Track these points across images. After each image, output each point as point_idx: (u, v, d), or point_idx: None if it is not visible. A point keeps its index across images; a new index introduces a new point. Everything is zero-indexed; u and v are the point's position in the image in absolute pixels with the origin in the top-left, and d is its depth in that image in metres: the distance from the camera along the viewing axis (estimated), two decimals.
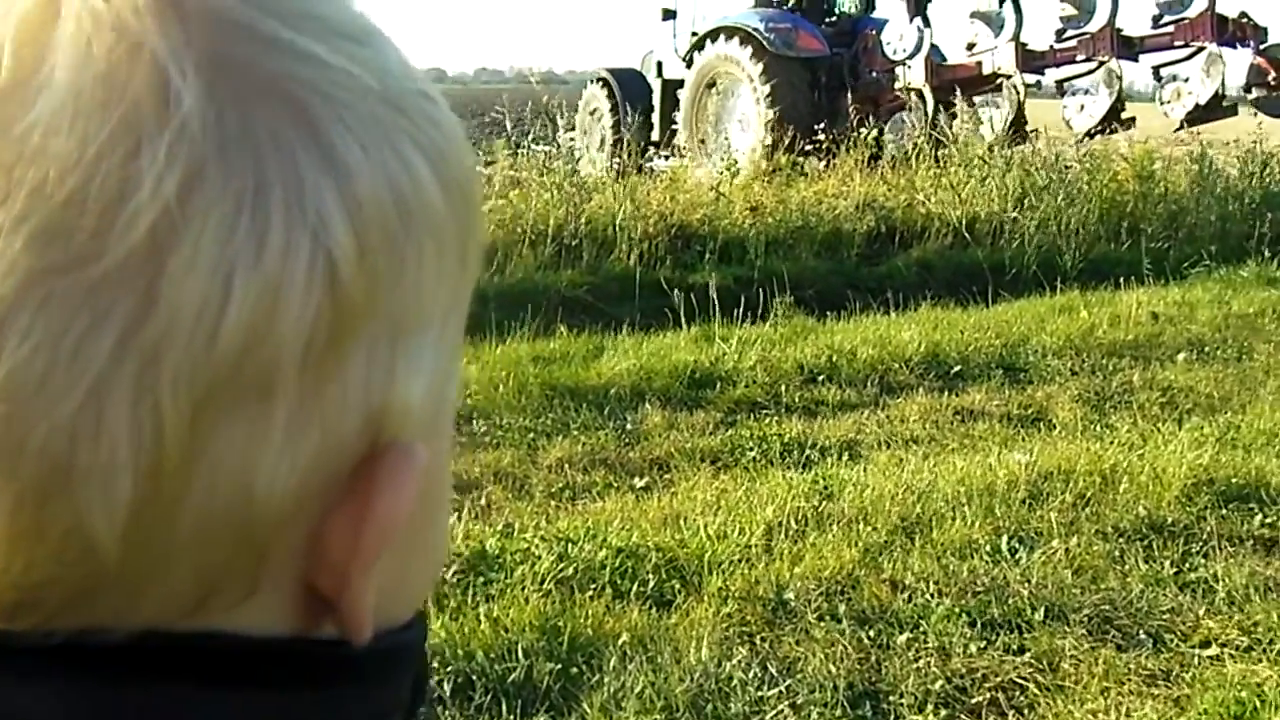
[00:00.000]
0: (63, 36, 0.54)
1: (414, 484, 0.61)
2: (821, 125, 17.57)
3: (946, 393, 8.83)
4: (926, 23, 19.03)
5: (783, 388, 8.82)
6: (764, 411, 8.40)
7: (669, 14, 22.83)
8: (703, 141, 20.38)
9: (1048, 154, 16.38)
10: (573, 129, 19.59)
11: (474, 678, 4.51)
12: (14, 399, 0.52)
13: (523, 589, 5.17)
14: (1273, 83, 17.12)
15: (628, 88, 22.48)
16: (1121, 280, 12.39)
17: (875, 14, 21.60)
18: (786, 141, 17.24)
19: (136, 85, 0.53)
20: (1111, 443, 7.30)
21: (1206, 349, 10.04)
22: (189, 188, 0.53)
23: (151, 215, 0.52)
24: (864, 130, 16.87)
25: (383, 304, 0.59)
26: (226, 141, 0.54)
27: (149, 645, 0.57)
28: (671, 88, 21.82)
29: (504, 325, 9.96)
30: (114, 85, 0.53)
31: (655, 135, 20.82)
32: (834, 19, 21.34)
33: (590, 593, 5.19)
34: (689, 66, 21.17)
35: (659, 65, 22.67)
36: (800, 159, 16.79)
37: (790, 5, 20.94)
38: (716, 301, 10.55)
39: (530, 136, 17.45)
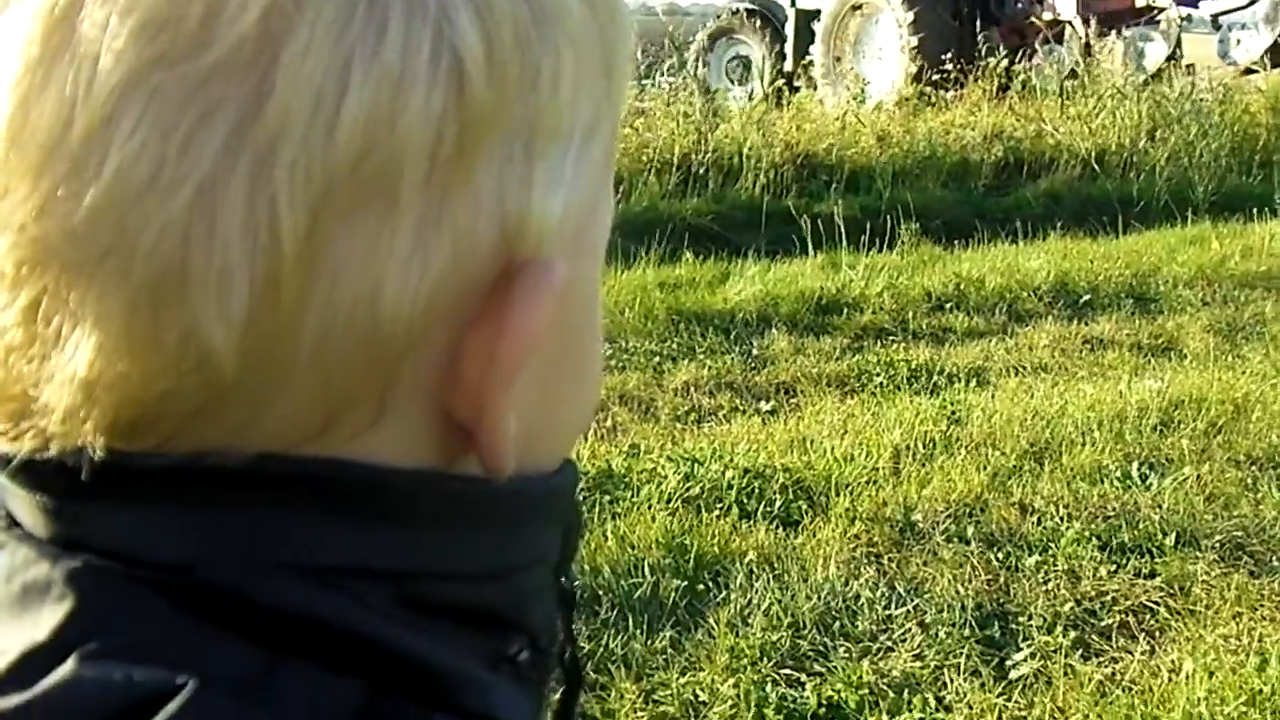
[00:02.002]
0: None
1: (551, 298, 0.59)
2: (953, 55, 17.23)
3: (1075, 321, 8.74)
4: None
5: (910, 314, 8.77)
6: (890, 338, 8.36)
7: None
8: (839, 74, 20.02)
9: (1181, 85, 16.11)
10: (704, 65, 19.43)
11: (600, 593, 4.54)
12: (124, 197, 0.51)
13: (649, 507, 5.19)
14: None
15: (769, 18, 22.18)
16: (1254, 213, 12.17)
17: None
18: (928, 77, 16.95)
19: None
20: (1244, 372, 7.21)
21: None
22: None
23: (262, 3, 0.51)
24: (992, 60, 16.59)
25: (516, 110, 0.57)
26: None
27: (265, 469, 0.56)
28: (806, 18, 21.37)
29: (630, 252, 9.97)
30: None
31: (789, 66, 20.53)
32: None
33: (716, 512, 5.20)
34: None
35: None
36: (931, 90, 16.52)
37: None
38: (843, 230, 10.49)
39: (666, 67, 17.30)
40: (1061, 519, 5.18)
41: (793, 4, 21.99)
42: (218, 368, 0.53)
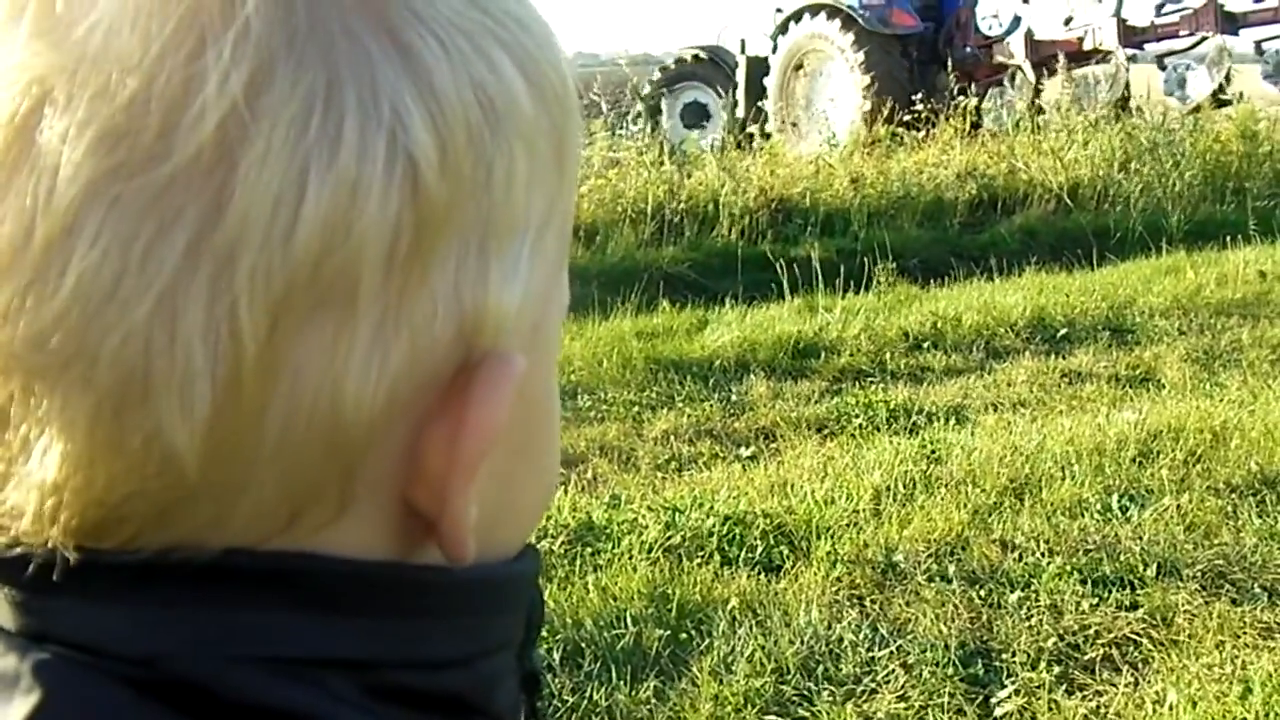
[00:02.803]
0: None
1: (510, 391, 0.60)
2: (919, 96, 17.55)
3: (1053, 356, 8.77)
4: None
5: (887, 355, 8.79)
6: (869, 379, 8.38)
7: None
8: (794, 123, 20.37)
9: (1151, 117, 16.25)
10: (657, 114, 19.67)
11: (583, 645, 4.52)
12: (86, 307, 0.51)
13: (630, 558, 5.19)
14: None
15: (718, 66, 22.39)
16: (1228, 240, 12.27)
17: None
18: (884, 114, 17.18)
19: None
20: (1221, 400, 7.22)
21: None
22: (257, 85, 0.52)
23: (219, 113, 0.51)
24: (962, 101, 16.87)
25: (470, 209, 0.57)
26: (295, 37, 0.53)
27: (234, 564, 0.57)
28: (756, 65, 21.71)
29: (606, 303, 10.02)
30: None
31: (740, 112, 20.71)
32: None
33: (698, 560, 5.20)
34: (778, 41, 21.13)
35: (742, 43, 22.53)
36: (900, 130, 16.71)
37: None
38: (819, 273, 10.52)
39: (630, 116, 17.40)
40: (1042, 554, 5.18)
41: (742, 51, 22.26)
42: (181, 469, 0.53)
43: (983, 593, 4.90)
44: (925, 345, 9.05)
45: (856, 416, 7.38)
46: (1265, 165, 15.68)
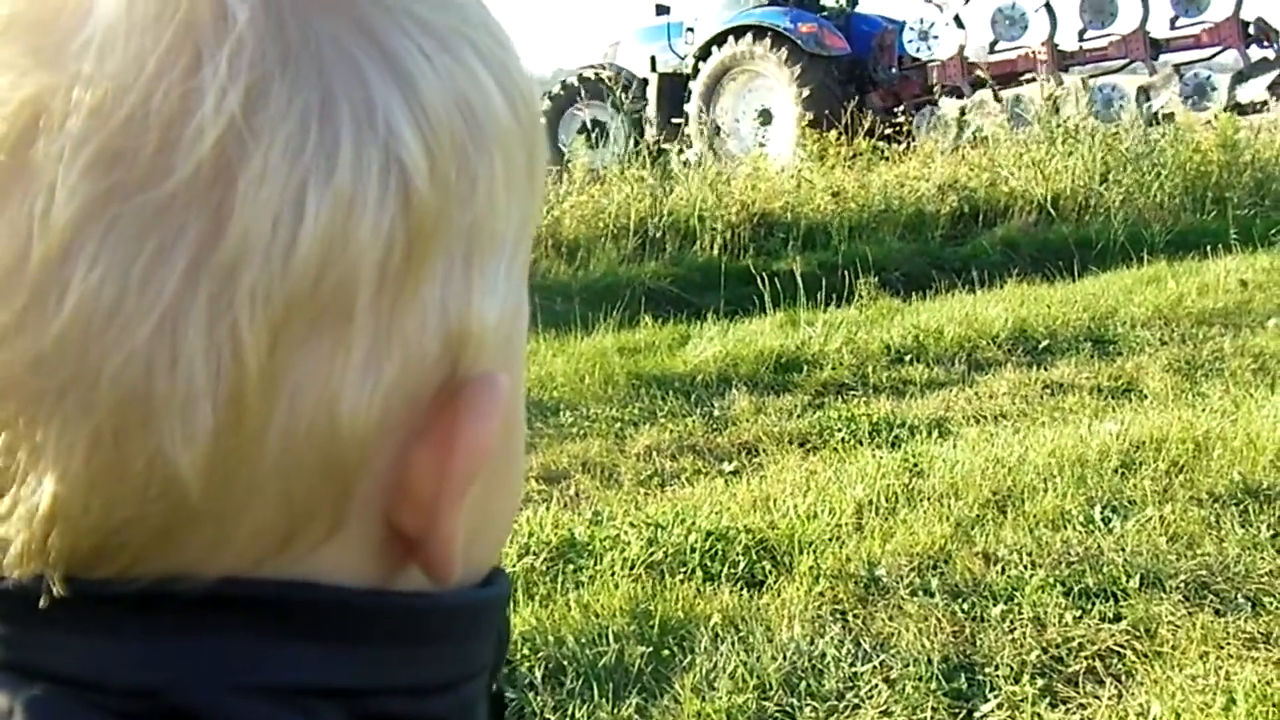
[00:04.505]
0: None
1: (499, 411, 0.60)
2: (848, 112, 18.17)
3: (1035, 367, 8.78)
4: (960, 24, 20.48)
5: (869, 369, 8.80)
6: (851, 393, 8.38)
7: (663, 9, 23.28)
8: (721, 137, 20.86)
9: (1131, 129, 16.40)
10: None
11: (565, 663, 4.51)
12: (85, 330, 0.51)
13: (612, 574, 5.18)
14: None
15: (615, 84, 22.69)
16: (1209, 250, 12.33)
17: (858, 9, 22.64)
18: (824, 126, 17.65)
19: None
20: (1204, 410, 7.23)
21: None
22: (254, 101, 0.52)
23: (217, 130, 0.51)
24: (895, 118, 17.89)
25: (456, 219, 0.58)
26: (289, 53, 0.53)
27: (229, 593, 0.56)
28: (668, 81, 22.08)
29: (588, 319, 10.05)
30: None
31: (653, 130, 20.95)
32: (825, 14, 21.94)
33: (680, 576, 5.18)
34: (701, 62, 21.57)
35: (653, 60, 22.77)
36: (881, 144, 16.94)
37: (793, 1, 21.66)
38: (801, 287, 10.55)
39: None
40: (1025, 566, 5.18)
41: (653, 69, 22.53)
42: (183, 492, 0.53)
43: (965, 606, 4.89)
44: (907, 358, 9.06)
45: (839, 430, 7.38)
46: (1245, 174, 15.81)
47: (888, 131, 17.52)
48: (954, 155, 16.49)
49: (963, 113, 19.41)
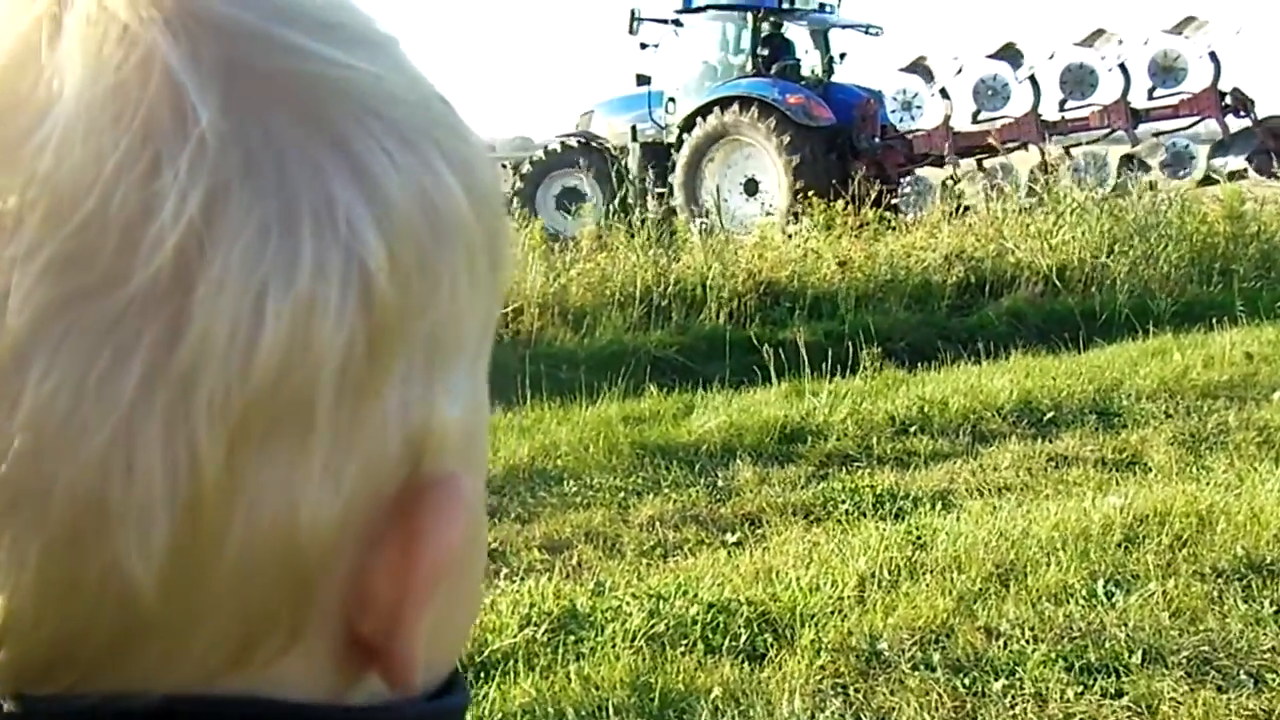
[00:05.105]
0: (68, 51, 0.51)
1: (462, 516, 0.59)
2: (835, 182, 18.74)
3: (1040, 439, 8.77)
4: (945, 95, 20.95)
5: (874, 440, 8.78)
6: (855, 464, 8.37)
7: (644, 79, 23.36)
8: (707, 207, 20.88)
9: (1138, 199, 16.45)
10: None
11: None
12: (38, 439, 0.49)
13: (613, 646, 5.15)
14: (1272, 148, 18.90)
15: (598, 152, 22.75)
16: (1215, 322, 12.33)
17: (834, 79, 23.12)
18: (813, 194, 17.86)
19: (151, 98, 0.51)
20: (1208, 484, 7.21)
21: None
22: (214, 205, 0.50)
23: (176, 236, 0.49)
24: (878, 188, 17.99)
25: (417, 322, 0.56)
26: (250, 154, 0.52)
27: (178, 711, 0.54)
28: (650, 151, 22.26)
29: (593, 387, 10.02)
30: (126, 99, 0.50)
31: (632, 197, 21.11)
32: (805, 85, 22.30)
33: (681, 648, 5.16)
34: (686, 132, 21.81)
35: (633, 129, 22.89)
36: (888, 212, 17.08)
37: (774, 72, 22.12)
38: (806, 357, 10.54)
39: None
40: (1027, 641, 5.15)
41: (634, 138, 22.59)
42: (138, 603, 0.51)
43: (967, 681, 4.87)
44: (912, 429, 9.04)
45: (843, 502, 7.37)
46: (1252, 246, 15.81)
47: (884, 199, 17.96)
48: (961, 225, 16.52)
49: (950, 182, 19.97)
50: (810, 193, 17.94)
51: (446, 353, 0.59)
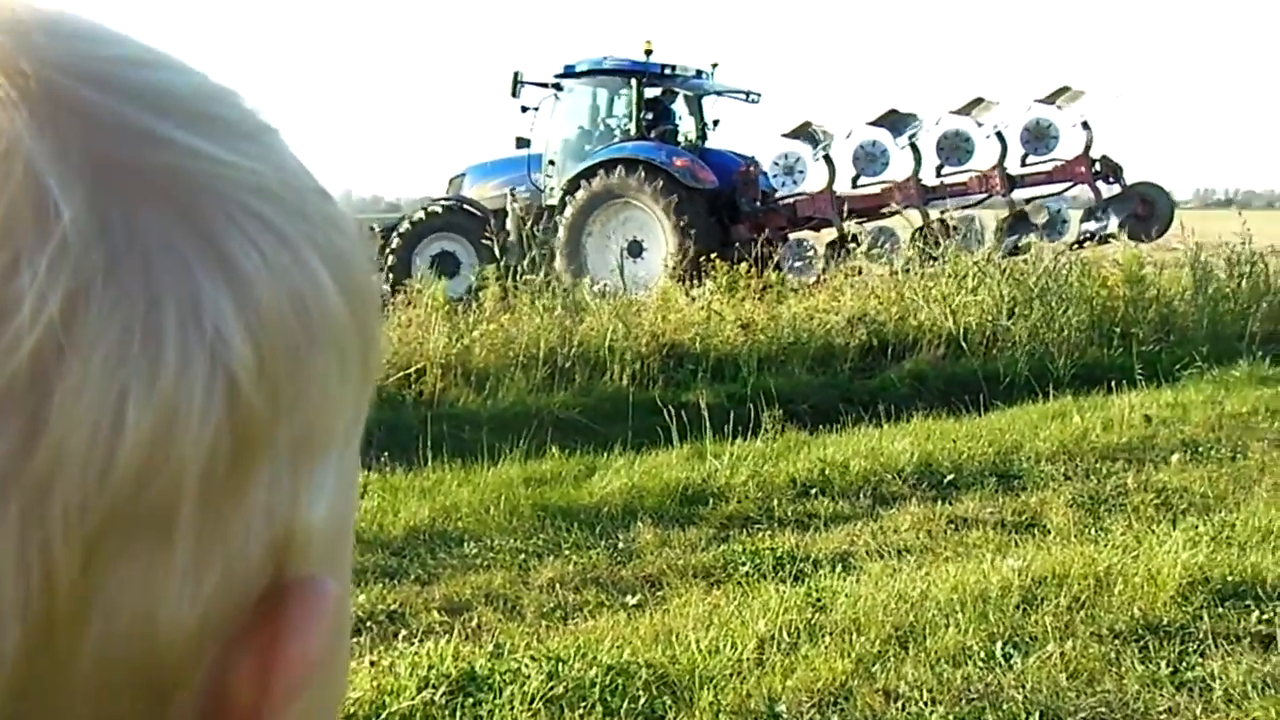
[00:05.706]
0: None
1: (327, 621, 0.57)
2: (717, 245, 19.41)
3: (940, 502, 8.82)
4: (830, 162, 21.66)
5: (775, 502, 8.80)
6: (756, 526, 8.38)
7: (523, 142, 23.59)
8: (580, 265, 21.37)
9: (1037, 262, 16.65)
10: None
11: None
12: None
13: (511, 709, 5.12)
14: (1140, 213, 19.78)
15: (473, 216, 22.90)
16: (1114, 384, 12.48)
17: (708, 144, 23.55)
18: (697, 257, 18.65)
19: (11, 195, 0.49)
20: (1106, 545, 7.27)
21: (1200, 449, 10.06)
22: (75, 306, 0.48)
23: (33, 340, 0.48)
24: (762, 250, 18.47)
25: (285, 423, 0.55)
26: (114, 253, 0.50)
27: None
28: (530, 213, 22.28)
29: (495, 448, 10.01)
30: None
31: (511, 260, 21.28)
32: (684, 149, 22.77)
33: (580, 711, 5.14)
34: (570, 195, 22.06)
35: (512, 191, 22.98)
36: (776, 273, 17.36)
37: (654, 136, 22.51)
38: (708, 419, 10.57)
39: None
40: (926, 703, 5.16)
41: (513, 200, 22.68)
42: None
43: None
44: (813, 492, 9.07)
45: (743, 564, 7.37)
46: (1150, 310, 16.03)
47: (769, 262, 18.46)
48: (864, 288, 16.69)
49: (852, 244, 20.29)
50: (702, 255, 18.40)
51: (314, 451, 0.57)
